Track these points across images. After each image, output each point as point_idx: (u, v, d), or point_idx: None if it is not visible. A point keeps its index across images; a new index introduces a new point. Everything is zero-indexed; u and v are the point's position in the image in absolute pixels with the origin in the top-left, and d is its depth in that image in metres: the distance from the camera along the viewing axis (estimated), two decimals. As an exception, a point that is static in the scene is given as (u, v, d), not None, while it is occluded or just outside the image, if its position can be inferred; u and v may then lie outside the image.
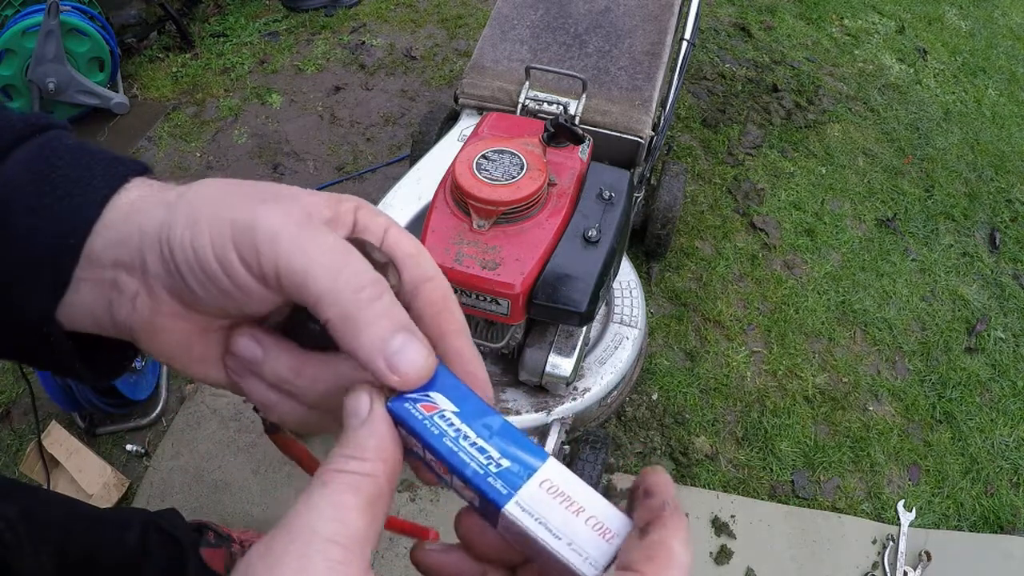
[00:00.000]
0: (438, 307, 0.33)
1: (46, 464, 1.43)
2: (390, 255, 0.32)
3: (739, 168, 2.28)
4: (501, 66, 1.66)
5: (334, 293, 0.28)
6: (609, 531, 0.28)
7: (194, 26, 2.68)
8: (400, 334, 0.29)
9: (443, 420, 0.30)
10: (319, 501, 0.26)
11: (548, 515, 0.28)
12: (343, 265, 0.29)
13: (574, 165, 1.26)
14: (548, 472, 0.29)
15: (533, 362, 1.30)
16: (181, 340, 0.33)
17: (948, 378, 1.83)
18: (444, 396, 0.30)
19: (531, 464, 0.29)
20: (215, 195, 0.30)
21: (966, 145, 2.47)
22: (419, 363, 0.29)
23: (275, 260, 0.28)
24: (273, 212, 0.29)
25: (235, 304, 0.30)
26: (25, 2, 2.09)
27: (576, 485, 0.29)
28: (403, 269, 0.32)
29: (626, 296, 1.53)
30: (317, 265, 0.28)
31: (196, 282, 0.30)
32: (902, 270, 2.06)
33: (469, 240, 1.14)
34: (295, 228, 0.29)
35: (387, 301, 0.29)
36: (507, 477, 0.29)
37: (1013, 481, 1.67)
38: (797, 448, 1.67)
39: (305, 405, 0.33)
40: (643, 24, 1.73)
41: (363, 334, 0.28)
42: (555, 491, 0.29)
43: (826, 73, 2.68)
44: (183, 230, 0.29)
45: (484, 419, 0.30)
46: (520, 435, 0.30)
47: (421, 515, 1.47)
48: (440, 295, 0.33)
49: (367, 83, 2.48)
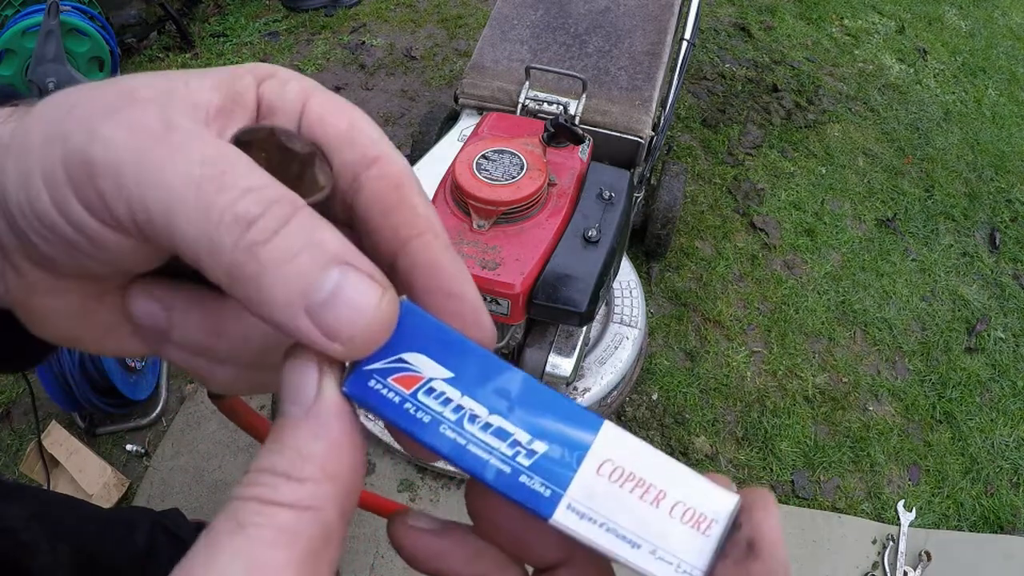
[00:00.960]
0: (388, 202, 0.22)
1: (46, 464, 1.43)
2: (313, 140, 0.22)
3: (739, 168, 2.28)
4: (501, 66, 1.66)
5: (209, 240, 0.18)
6: (705, 518, 0.20)
7: (194, 26, 2.68)
8: (329, 271, 0.19)
9: (433, 397, 0.20)
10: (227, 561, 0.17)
11: (617, 514, 0.20)
12: (216, 190, 0.18)
13: (574, 165, 1.26)
14: (607, 447, 0.20)
15: (533, 362, 1.30)
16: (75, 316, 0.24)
17: (948, 378, 1.83)
18: (425, 355, 0.21)
19: (580, 440, 0.20)
20: (52, 116, 0.20)
21: (966, 145, 2.47)
22: (367, 311, 0.19)
23: (124, 201, 0.19)
24: (116, 128, 0.19)
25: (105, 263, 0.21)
26: (25, 2, 2.09)
27: (649, 458, 0.21)
28: (333, 156, 0.22)
29: (626, 296, 1.54)
30: (179, 201, 0.18)
31: (42, 240, 0.21)
32: (902, 270, 2.06)
33: (469, 240, 1.14)
34: (146, 148, 0.19)
35: (299, 225, 0.19)
36: (547, 469, 0.20)
37: (1013, 481, 1.67)
38: (797, 448, 1.67)
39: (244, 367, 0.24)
40: (643, 24, 1.73)
41: (267, 289, 0.18)
42: (621, 475, 0.20)
43: (826, 73, 2.68)
44: (15, 174, 0.20)
45: (495, 381, 0.21)
46: (554, 396, 0.21)
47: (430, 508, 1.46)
48: (389, 183, 0.22)
49: (367, 83, 2.48)
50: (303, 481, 0.18)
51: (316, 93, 0.23)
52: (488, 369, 0.21)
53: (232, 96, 0.22)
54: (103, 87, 0.21)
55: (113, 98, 0.20)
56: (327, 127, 0.22)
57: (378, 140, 0.23)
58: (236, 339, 0.23)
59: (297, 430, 0.19)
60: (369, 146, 0.22)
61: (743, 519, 0.20)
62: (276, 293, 0.18)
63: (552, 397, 0.21)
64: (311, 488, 0.18)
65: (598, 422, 0.21)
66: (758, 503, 0.20)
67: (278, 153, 0.21)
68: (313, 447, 0.19)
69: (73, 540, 0.93)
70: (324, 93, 0.23)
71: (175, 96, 0.21)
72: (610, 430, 0.21)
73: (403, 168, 0.23)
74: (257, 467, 0.19)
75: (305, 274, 0.18)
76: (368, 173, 0.22)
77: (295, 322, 0.19)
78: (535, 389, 0.21)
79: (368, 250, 0.22)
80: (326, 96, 0.23)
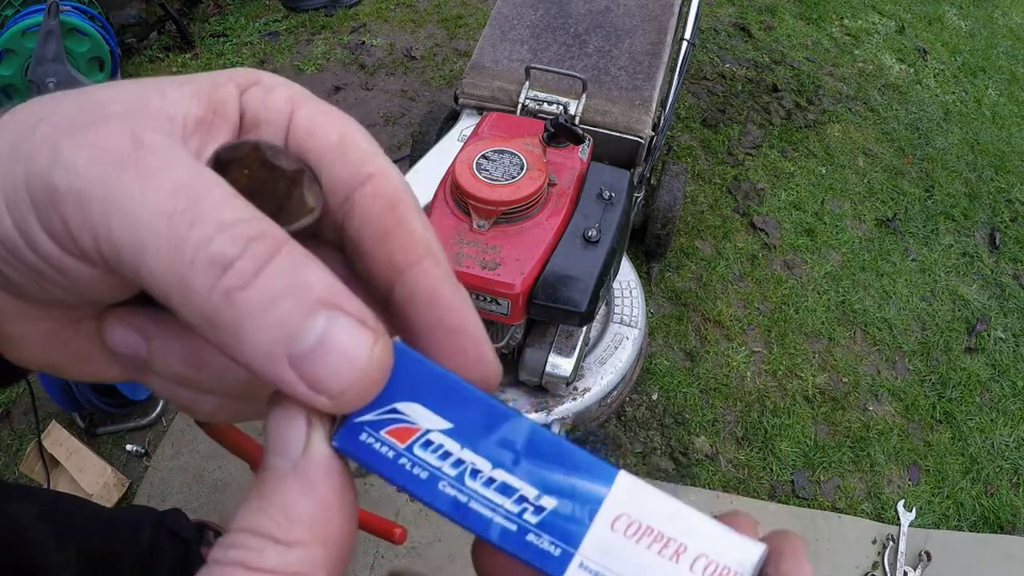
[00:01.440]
0: (384, 224, 0.20)
1: (46, 464, 1.43)
2: (301, 154, 0.20)
3: (739, 168, 2.28)
4: (501, 66, 1.66)
5: (181, 281, 0.17)
6: (729, 571, 0.19)
7: (194, 26, 2.68)
8: (315, 317, 0.17)
9: (430, 451, 0.19)
10: None
11: (634, 572, 0.19)
12: (188, 225, 0.17)
13: (574, 165, 1.26)
14: (621, 499, 0.19)
15: (533, 362, 1.30)
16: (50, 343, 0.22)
17: (948, 378, 1.83)
18: (421, 404, 0.19)
19: (592, 493, 0.19)
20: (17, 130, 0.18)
21: (966, 145, 2.47)
22: (358, 362, 0.17)
23: (90, 232, 0.17)
24: (80, 151, 0.17)
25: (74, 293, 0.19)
26: (25, 2, 2.09)
27: (668, 508, 0.19)
28: (323, 171, 0.20)
29: (626, 296, 1.54)
30: (149, 236, 0.17)
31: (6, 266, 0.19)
32: (902, 270, 2.06)
33: (469, 240, 1.14)
34: (112, 174, 0.17)
35: (281, 266, 0.17)
36: (557, 526, 0.19)
37: (1013, 481, 1.67)
38: (797, 448, 1.67)
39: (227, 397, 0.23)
40: (643, 24, 1.73)
41: (247, 339, 0.17)
42: (638, 529, 0.19)
43: (826, 73, 2.68)
44: None
45: (499, 431, 0.19)
46: (565, 445, 0.19)
47: (420, 515, 1.47)
48: (385, 203, 0.20)
49: (367, 83, 2.48)
50: (291, 545, 0.17)
51: (304, 102, 0.21)
52: (491, 418, 0.19)
53: (213, 107, 0.20)
54: (72, 98, 0.19)
55: (79, 114, 0.18)
56: (316, 140, 0.20)
57: (373, 154, 0.21)
58: (219, 371, 0.21)
59: (283, 486, 0.18)
60: (363, 161, 0.20)
61: (771, 569, 0.19)
62: (256, 343, 0.17)
63: (562, 447, 0.19)
64: (300, 553, 0.17)
65: (612, 472, 0.19)
66: (786, 551, 0.19)
67: (263, 171, 0.19)
68: (301, 507, 0.17)
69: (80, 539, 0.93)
70: (313, 102, 0.21)
71: (148, 109, 0.19)
72: (625, 480, 0.19)
73: (399, 185, 0.21)
74: (240, 526, 0.17)
75: (288, 322, 0.17)
76: (362, 191, 0.20)
77: (277, 374, 0.17)
78: (543, 439, 0.19)
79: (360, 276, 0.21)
80: (315, 105, 0.21)
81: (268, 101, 0.21)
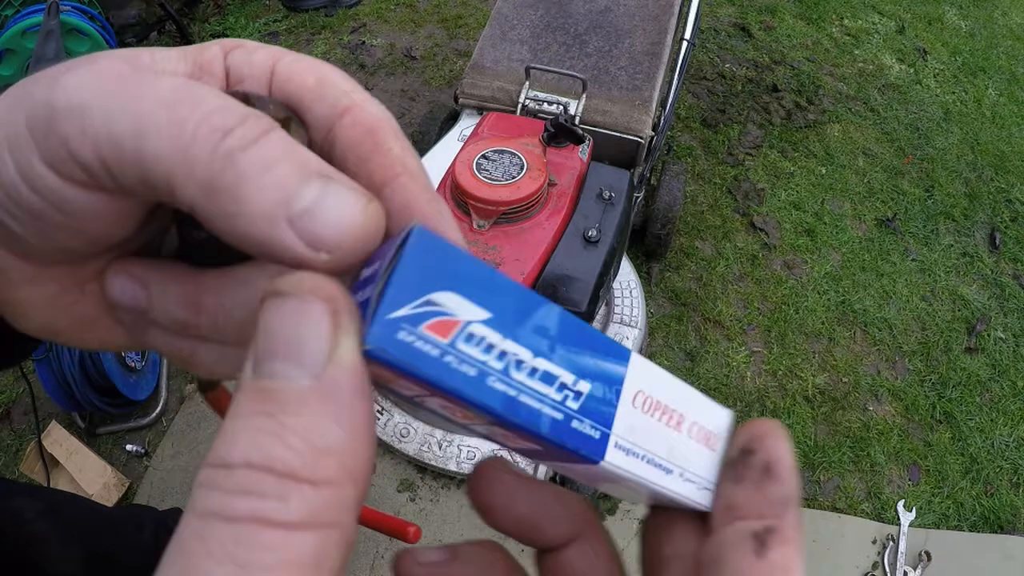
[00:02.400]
0: (363, 149, 0.21)
1: (46, 464, 1.43)
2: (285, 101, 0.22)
3: (739, 168, 2.28)
4: (501, 66, 1.66)
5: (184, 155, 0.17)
6: (711, 435, 0.21)
7: (194, 26, 2.68)
8: (310, 181, 0.17)
9: (474, 345, 0.17)
10: None
11: (653, 444, 0.20)
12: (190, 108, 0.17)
13: (574, 165, 1.26)
14: (637, 377, 0.20)
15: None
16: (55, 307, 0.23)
17: (948, 378, 1.83)
18: (456, 293, 0.17)
19: (615, 373, 0.19)
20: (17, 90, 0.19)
21: (966, 145, 2.47)
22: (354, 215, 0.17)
23: (90, 141, 0.17)
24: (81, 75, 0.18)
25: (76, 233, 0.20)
26: (25, 2, 2.09)
27: (668, 382, 0.21)
28: (305, 113, 0.21)
29: (626, 296, 1.54)
30: (150, 123, 0.17)
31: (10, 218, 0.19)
32: (902, 270, 2.07)
33: (469, 240, 1.14)
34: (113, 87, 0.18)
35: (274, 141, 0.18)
36: (593, 409, 0.19)
37: (1013, 481, 1.67)
38: (797, 448, 1.67)
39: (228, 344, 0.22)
40: (643, 24, 1.73)
41: (246, 200, 0.17)
42: (651, 404, 0.20)
43: (826, 73, 2.68)
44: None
45: (532, 318, 0.18)
46: (587, 328, 0.19)
47: (420, 515, 1.47)
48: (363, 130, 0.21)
49: (367, 83, 2.48)
50: (318, 486, 0.14)
51: (283, 56, 0.22)
52: (525, 304, 0.18)
53: (200, 65, 0.21)
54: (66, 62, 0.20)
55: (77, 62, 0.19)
56: (296, 85, 0.21)
57: (350, 91, 0.21)
58: (217, 312, 0.21)
59: (304, 406, 0.14)
60: (340, 97, 0.21)
61: (757, 445, 0.21)
62: (255, 203, 0.17)
63: (587, 329, 0.19)
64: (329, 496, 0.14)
65: (626, 352, 0.20)
66: (769, 431, 0.21)
67: None
68: (331, 434, 0.14)
69: (84, 537, 0.93)
70: (291, 55, 0.22)
71: (141, 62, 0.20)
72: (636, 359, 0.20)
73: (377, 113, 0.21)
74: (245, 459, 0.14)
75: (286, 183, 0.17)
76: (341, 123, 0.21)
77: (276, 233, 0.17)
78: (572, 323, 0.19)
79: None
80: (293, 57, 0.22)
81: (250, 60, 0.22)
